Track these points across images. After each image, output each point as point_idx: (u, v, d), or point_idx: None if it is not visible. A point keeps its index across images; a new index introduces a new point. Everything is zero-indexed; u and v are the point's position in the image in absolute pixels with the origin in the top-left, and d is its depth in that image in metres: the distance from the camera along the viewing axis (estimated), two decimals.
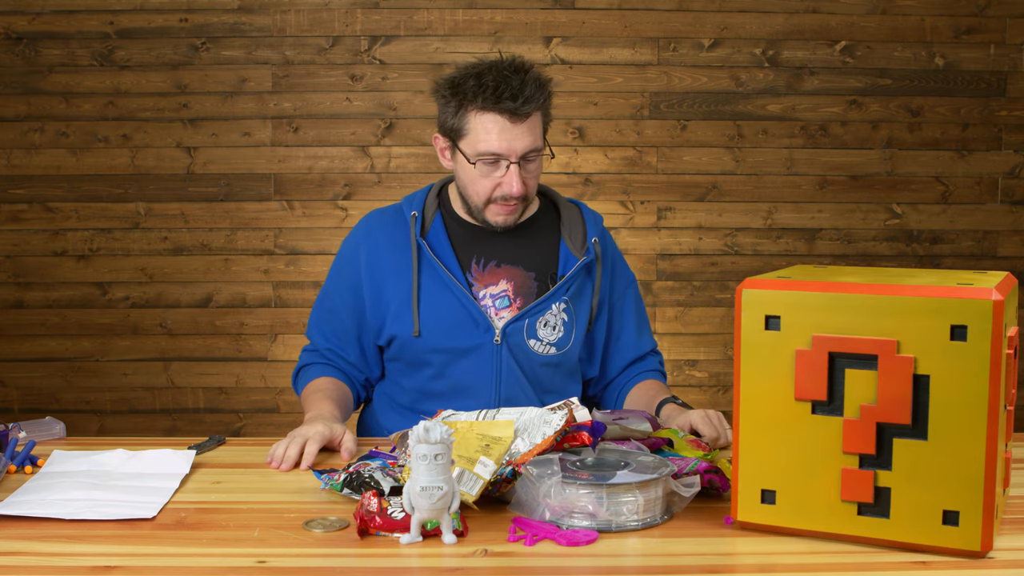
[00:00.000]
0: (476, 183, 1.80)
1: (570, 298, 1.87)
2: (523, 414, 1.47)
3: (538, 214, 1.93)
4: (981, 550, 1.18)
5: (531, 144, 1.76)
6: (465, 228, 1.89)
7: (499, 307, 1.85)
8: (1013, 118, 3.61)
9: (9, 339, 3.60)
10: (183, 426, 3.62)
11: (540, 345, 1.86)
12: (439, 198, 1.92)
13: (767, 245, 3.64)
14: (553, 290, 1.85)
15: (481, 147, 1.76)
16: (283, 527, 1.31)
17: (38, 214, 3.57)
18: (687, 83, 3.58)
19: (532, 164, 1.80)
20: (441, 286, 1.83)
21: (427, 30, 3.54)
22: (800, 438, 1.25)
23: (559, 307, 1.86)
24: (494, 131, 1.74)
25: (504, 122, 1.74)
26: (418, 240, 1.84)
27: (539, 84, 1.76)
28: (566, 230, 1.91)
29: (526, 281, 1.86)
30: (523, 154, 1.76)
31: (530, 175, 1.80)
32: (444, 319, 1.83)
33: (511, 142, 1.74)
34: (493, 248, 1.87)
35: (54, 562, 1.20)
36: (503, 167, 1.77)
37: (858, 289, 1.23)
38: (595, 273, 1.90)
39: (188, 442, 1.73)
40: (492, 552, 1.22)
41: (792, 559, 1.21)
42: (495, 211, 1.82)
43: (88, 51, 3.51)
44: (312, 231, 3.59)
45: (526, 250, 1.88)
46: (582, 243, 1.89)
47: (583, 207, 1.95)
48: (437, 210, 1.90)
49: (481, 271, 1.86)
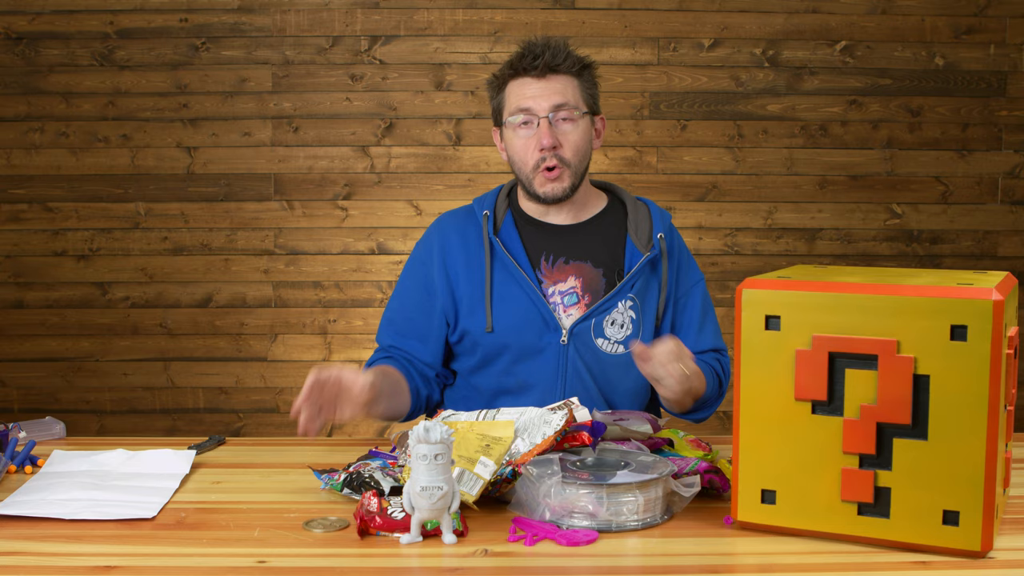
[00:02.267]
0: (518, 151, 1.85)
1: (636, 295, 1.87)
2: (523, 414, 1.47)
3: (605, 211, 1.95)
4: (981, 550, 1.18)
5: (559, 100, 1.82)
6: (534, 225, 1.92)
7: (567, 304, 1.86)
8: (1013, 118, 3.61)
9: (9, 339, 3.60)
10: (183, 426, 3.62)
11: (608, 344, 1.85)
12: (509, 198, 1.97)
13: (767, 245, 3.64)
14: (619, 287, 1.85)
15: (513, 107, 1.85)
16: (283, 527, 1.31)
17: (38, 214, 3.57)
18: (687, 83, 3.58)
19: (567, 125, 1.84)
20: (512, 283, 1.86)
21: (427, 30, 3.54)
22: (800, 438, 1.25)
23: (625, 304, 1.86)
24: (522, 90, 1.84)
25: (530, 81, 1.83)
26: (491, 238, 1.88)
27: (567, 49, 1.85)
28: (632, 226, 1.92)
29: (594, 277, 1.87)
30: (552, 109, 1.82)
31: (565, 135, 1.83)
32: (515, 316, 1.85)
33: (537, 98, 1.82)
34: (561, 245, 1.89)
35: (54, 562, 1.20)
36: (535, 125, 1.83)
37: (858, 289, 1.22)
38: (661, 269, 1.89)
39: (188, 442, 1.73)
40: (492, 552, 1.22)
41: (792, 559, 1.21)
42: (540, 180, 1.84)
43: (88, 51, 3.51)
44: (312, 231, 3.59)
45: (594, 246, 1.90)
46: (648, 239, 1.90)
47: (651, 204, 1.96)
48: (507, 209, 1.94)
49: (551, 268, 1.88)
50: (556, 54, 1.83)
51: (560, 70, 1.83)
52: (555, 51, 1.83)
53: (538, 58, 1.82)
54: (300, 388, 1.51)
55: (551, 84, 1.83)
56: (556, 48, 1.83)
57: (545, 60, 1.81)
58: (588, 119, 1.87)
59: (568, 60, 1.84)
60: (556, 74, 1.83)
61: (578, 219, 1.92)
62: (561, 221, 1.91)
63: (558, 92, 1.82)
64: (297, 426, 1.54)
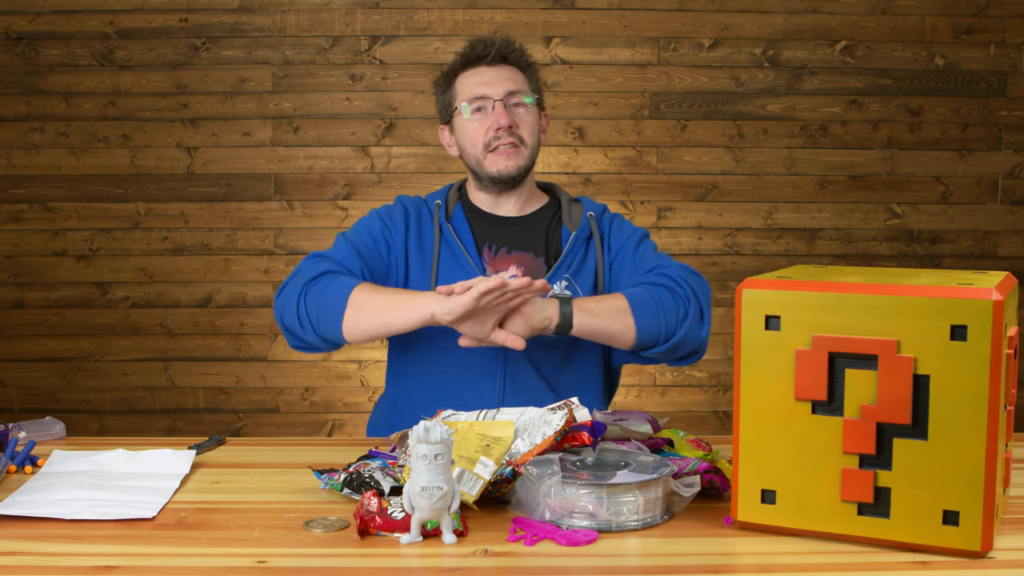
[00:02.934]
0: (471, 134, 1.92)
1: (571, 275, 1.92)
2: (523, 414, 1.47)
3: (545, 207, 2.02)
4: (981, 550, 1.18)
5: (513, 87, 1.91)
6: (482, 217, 1.98)
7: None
8: (1013, 118, 3.61)
9: (9, 339, 3.60)
10: (183, 426, 3.62)
11: None
12: (460, 192, 2.03)
13: (767, 245, 3.64)
14: (554, 268, 1.91)
15: (467, 94, 1.91)
16: (283, 527, 1.31)
17: (38, 214, 3.57)
18: (687, 83, 3.57)
19: (520, 110, 1.92)
20: (457, 266, 1.91)
21: (427, 30, 3.54)
22: (800, 438, 1.25)
23: (561, 285, 1.91)
24: (476, 79, 1.92)
25: (483, 69, 1.92)
26: (442, 223, 1.93)
27: (515, 44, 1.94)
28: (567, 218, 1.99)
29: (536, 265, 1.93)
30: (506, 94, 1.90)
31: (519, 118, 1.91)
32: None
33: (492, 84, 1.90)
34: (505, 235, 1.96)
35: (54, 562, 1.20)
36: (489, 110, 1.90)
37: (858, 289, 1.22)
38: (594, 245, 1.95)
39: (188, 442, 1.73)
40: (492, 552, 1.22)
41: (792, 559, 1.21)
42: (493, 160, 1.91)
43: (88, 51, 3.51)
44: (312, 231, 3.59)
45: (535, 238, 1.96)
46: (579, 222, 1.97)
47: (586, 200, 2.03)
48: (458, 201, 2.01)
49: (494, 256, 1.94)
50: (507, 45, 1.92)
51: (510, 60, 1.93)
52: (506, 42, 1.92)
53: (490, 47, 1.91)
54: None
55: (502, 71, 1.92)
56: (506, 40, 1.93)
57: (497, 49, 1.91)
58: (537, 110, 1.96)
59: (516, 52, 1.94)
60: (506, 64, 1.93)
61: (523, 212, 1.99)
62: (507, 213, 1.98)
63: (510, 79, 1.92)
64: None
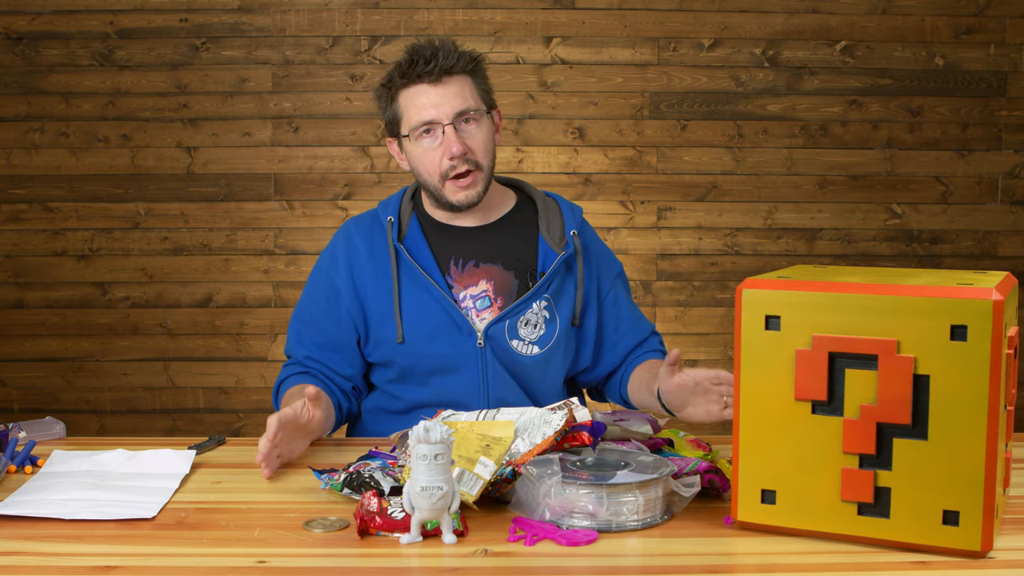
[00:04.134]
0: (424, 161, 1.79)
1: (551, 295, 1.84)
2: (523, 414, 1.47)
3: (514, 210, 1.91)
4: (981, 550, 1.18)
5: (460, 105, 1.76)
6: (441, 229, 1.87)
7: (480, 308, 1.82)
8: (1013, 118, 3.61)
9: (9, 339, 3.60)
10: (183, 426, 3.62)
11: (523, 345, 1.83)
12: (413, 200, 1.91)
13: (767, 245, 3.64)
14: (534, 289, 1.82)
15: (413, 120, 1.77)
16: (283, 527, 1.31)
17: (38, 214, 3.57)
18: (687, 83, 3.58)
19: (471, 126, 1.78)
20: (422, 291, 1.81)
21: (427, 30, 3.54)
22: (800, 438, 1.25)
23: (540, 305, 1.83)
24: (420, 99, 1.77)
25: (426, 88, 1.76)
26: (395, 245, 1.82)
27: (456, 48, 1.78)
28: (544, 224, 1.87)
29: (506, 280, 1.83)
30: (455, 116, 1.76)
31: (471, 138, 1.78)
32: (426, 324, 1.81)
33: (438, 106, 1.76)
34: (470, 248, 1.85)
35: (54, 562, 1.20)
36: (440, 134, 1.77)
37: (858, 289, 1.22)
38: (576, 267, 1.86)
39: (188, 442, 1.73)
40: (492, 552, 1.22)
41: (792, 559, 1.21)
42: (452, 189, 1.79)
43: (88, 51, 3.51)
44: (312, 231, 3.59)
45: (504, 247, 1.86)
46: (560, 237, 1.86)
47: (560, 200, 1.92)
48: (412, 213, 1.89)
49: (460, 272, 1.83)
50: (448, 55, 1.76)
51: (454, 71, 1.77)
52: (446, 52, 1.76)
53: (430, 62, 1.75)
54: None
55: (448, 88, 1.76)
56: (446, 49, 1.76)
57: (439, 63, 1.75)
58: (488, 117, 1.82)
59: (461, 60, 1.78)
60: (451, 75, 1.77)
61: (487, 220, 1.88)
62: (469, 223, 1.86)
63: (457, 96, 1.76)
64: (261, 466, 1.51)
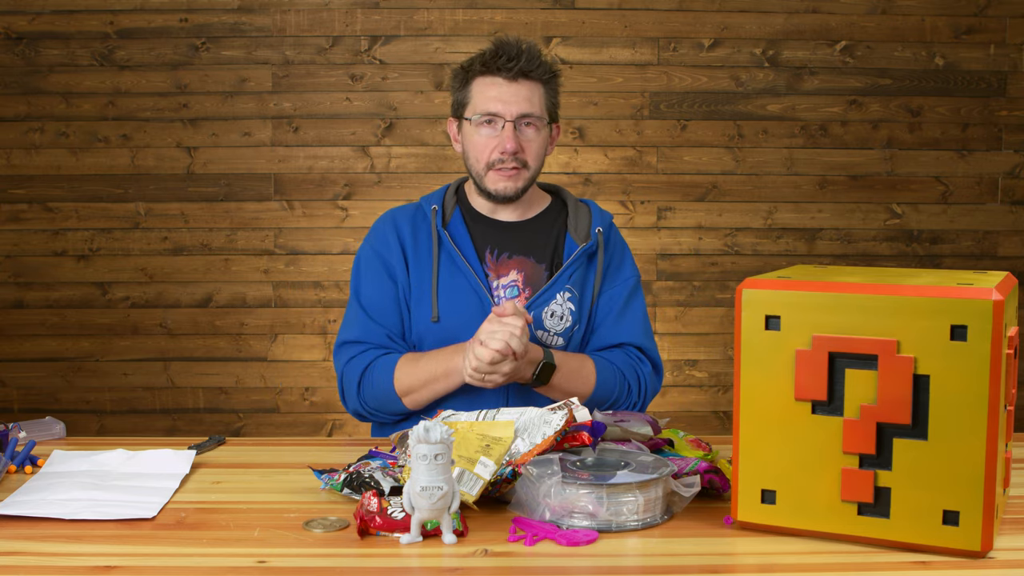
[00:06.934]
0: (477, 147, 1.87)
1: (573, 286, 1.90)
2: (523, 414, 1.47)
3: (548, 209, 1.99)
4: (981, 550, 1.18)
5: (527, 108, 1.85)
6: (481, 221, 1.95)
7: (509, 296, 1.88)
8: (1013, 118, 3.61)
9: (9, 339, 3.60)
10: (183, 426, 3.62)
11: (548, 336, 1.88)
12: (457, 195, 1.99)
13: (767, 245, 3.64)
14: (555, 278, 1.88)
15: (480, 108, 1.86)
16: (283, 527, 1.31)
17: (38, 214, 3.57)
18: (687, 83, 3.57)
19: (530, 130, 1.87)
20: (459, 275, 1.88)
21: (427, 30, 3.54)
22: (800, 438, 1.25)
23: (564, 296, 1.89)
24: (492, 91, 1.85)
25: (501, 82, 1.85)
26: (439, 231, 1.90)
27: (540, 56, 1.87)
28: (572, 224, 1.95)
29: (536, 272, 1.91)
30: (519, 116, 1.84)
31: (528, 140, 1.86)
32: (460, 307, 1.87)
33: (507, 103, 1.84)
34: (506, 240, 1.93)
35: (54, 562, 1.20)
36: (499, 127, 1.85)
37: (858, 289, 1.23)
38: (596, 261, 1.92)
39: (188, 442, 1.73)
40: (492, 552, 1.22)
41: (792, 559, 1.21)
42: (495, 178, 1.87)
43: (88, 51, 3.51)
44: (312, 231, 3.59)
45: (536, 242, 1.93)
46: (586, 234, 1.94)
47: (593, 205, 2.00)
48: (456, 205, 1.97)
49: (495, 261, 1.91)
50: (531, 60, 1.84)
51: (532, 76, 1.85)
52: (530, 56, 1.84)
53: (513, 60, 1.83)
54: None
55: (520, 89, 1.84)
56: (531, 53, 1.85)
57: (520, 64, 1.83)
58: (548, 128, 1.91)
59: (540, 68, 1.86)
60: (527, 79, 1.85)
61: (524, 216, 1.96)
62: (507, 218, 1.95)
63: (526, 99, 1.85)
64: None
